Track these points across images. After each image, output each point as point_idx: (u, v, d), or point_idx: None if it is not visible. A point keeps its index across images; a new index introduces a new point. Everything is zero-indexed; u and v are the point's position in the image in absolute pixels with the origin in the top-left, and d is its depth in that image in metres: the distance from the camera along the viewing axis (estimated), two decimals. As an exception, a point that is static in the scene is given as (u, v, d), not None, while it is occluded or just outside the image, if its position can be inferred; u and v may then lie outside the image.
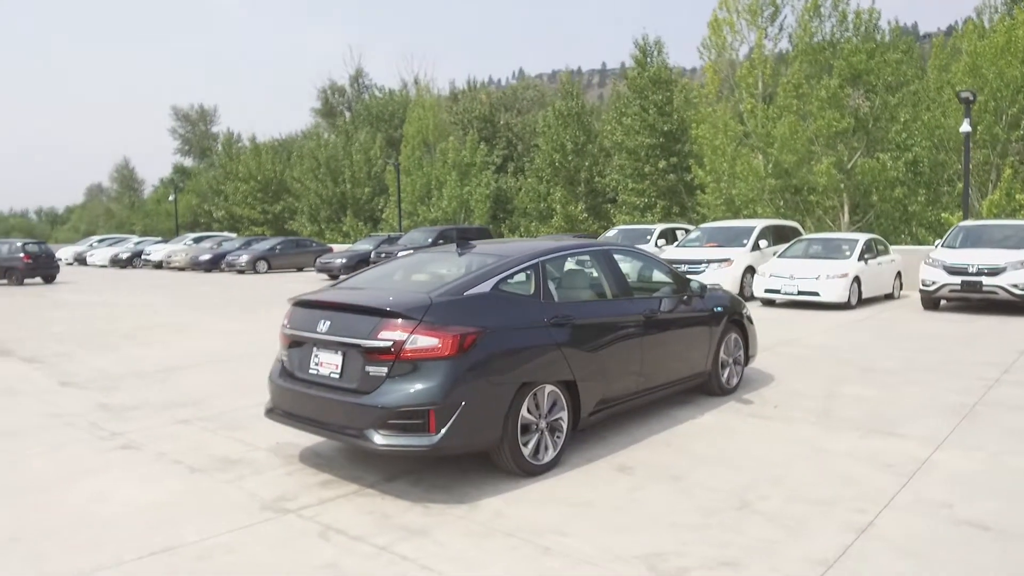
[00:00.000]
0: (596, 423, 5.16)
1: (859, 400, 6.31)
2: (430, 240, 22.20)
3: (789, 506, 3.94)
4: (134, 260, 32.59)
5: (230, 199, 44.47)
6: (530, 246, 5.19)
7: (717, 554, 3.38)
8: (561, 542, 3.52)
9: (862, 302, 13.73)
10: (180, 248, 30.84)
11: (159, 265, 30.93)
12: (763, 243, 15.54)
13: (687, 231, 18.30)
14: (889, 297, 15.14)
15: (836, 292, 13.10)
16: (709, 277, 14.69)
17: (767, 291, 13.76)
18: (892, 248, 16.15)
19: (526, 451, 4.35)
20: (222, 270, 27.79)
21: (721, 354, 6.35)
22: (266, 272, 26.93)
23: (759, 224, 16.35)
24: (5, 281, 21.81)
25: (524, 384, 4.31)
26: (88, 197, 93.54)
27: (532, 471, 4.39)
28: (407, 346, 3.97)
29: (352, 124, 44.09)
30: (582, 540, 3.55)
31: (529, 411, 4.38)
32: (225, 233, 36.31)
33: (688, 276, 6.32)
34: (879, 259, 14.60)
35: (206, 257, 28.71)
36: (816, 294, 13.17)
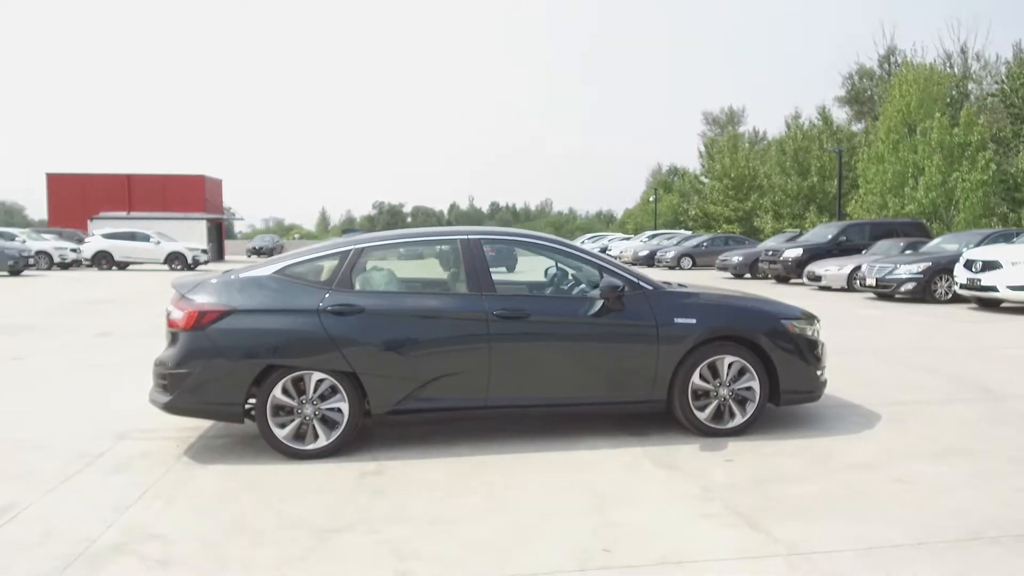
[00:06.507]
0: (424, 422, 4.76)
1: (877, 476, 4.02)
2: (830, 236, 19.53)
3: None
4: (597, 254, 36.88)
5: (707, 197, 45.86)
6: (372, 236, 5.05)
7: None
8: (135, 517, 3.64)
9: None
10: (631, 244, 33.71)
11: (613, 258, 34.40)
12: None
13: None
14: None
15: None
16: (1002, 278, 10.42)
17: None
18: None
19: (281, 432, 4.43)
20: (655, 264, 29.43)
21: (695, 380, 4.80)
22: (690, 268, 27.46)
23: None
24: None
25: (273, 367, 4.43)
26: (642, 200, 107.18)
27: (292, 453, 4.44)
28: (170, 316, 4.60)
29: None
30: (147, 513, 3.67)
31: (288, 395, 4.46)
32: (678, 231, 37.86)
33: (628, 275, 4.90)
34: None
35: (644, 253, 30.82)
36: None
